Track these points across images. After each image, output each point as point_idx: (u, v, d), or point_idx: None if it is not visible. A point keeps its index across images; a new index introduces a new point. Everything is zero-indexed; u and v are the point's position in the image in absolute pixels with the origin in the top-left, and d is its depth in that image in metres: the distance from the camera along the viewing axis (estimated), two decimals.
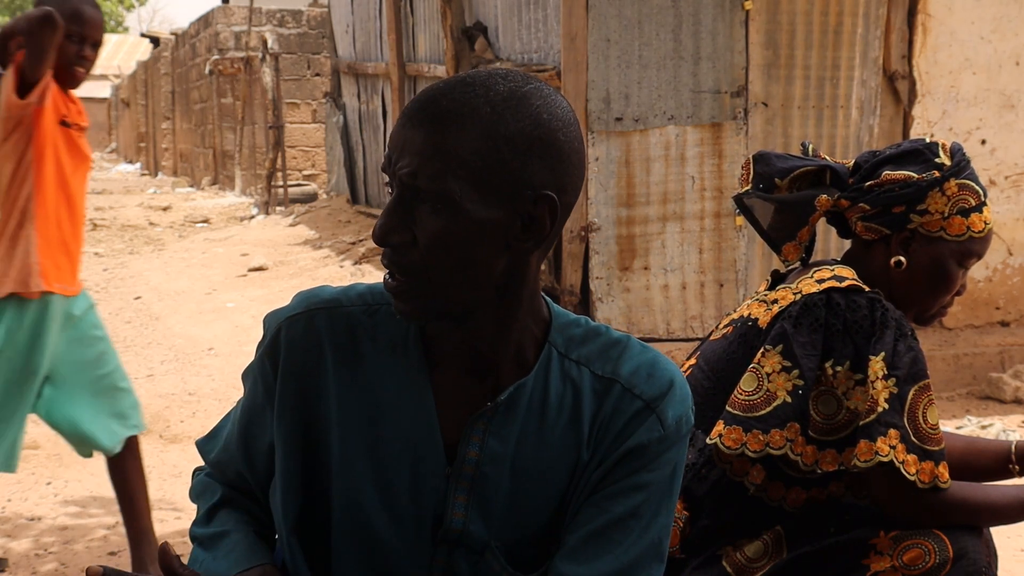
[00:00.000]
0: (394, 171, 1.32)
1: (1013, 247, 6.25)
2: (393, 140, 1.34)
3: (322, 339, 1.44)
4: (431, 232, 1.31)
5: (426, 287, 1.34)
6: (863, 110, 5.98)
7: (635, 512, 1.40)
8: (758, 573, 1.96)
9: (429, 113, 1.32)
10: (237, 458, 1.54)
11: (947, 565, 1.88)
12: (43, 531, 3.85)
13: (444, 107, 1.32)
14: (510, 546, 1.43)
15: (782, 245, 2.11)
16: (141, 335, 7.33)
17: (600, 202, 5.78)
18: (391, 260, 1.34)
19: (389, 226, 1.32)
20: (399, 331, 1.44)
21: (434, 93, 1.34)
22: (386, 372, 1.43)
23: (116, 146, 34.04)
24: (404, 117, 1.34)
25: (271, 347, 1.46)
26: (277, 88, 13.97)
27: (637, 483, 1.40)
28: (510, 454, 1.41)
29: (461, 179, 1.30)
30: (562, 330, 1.44)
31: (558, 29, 6.00)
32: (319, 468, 1.45)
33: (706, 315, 5.90)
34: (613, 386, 1.42)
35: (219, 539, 1.51)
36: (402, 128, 1.33)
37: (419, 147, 1.31)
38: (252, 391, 1.50)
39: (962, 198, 2.02)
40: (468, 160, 1.30)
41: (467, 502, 1.41)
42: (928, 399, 1.91)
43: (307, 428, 1.44)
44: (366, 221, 10.65)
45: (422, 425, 1.42)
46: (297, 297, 1.50)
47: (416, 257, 1.33)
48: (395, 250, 1.33)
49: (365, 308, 1.46)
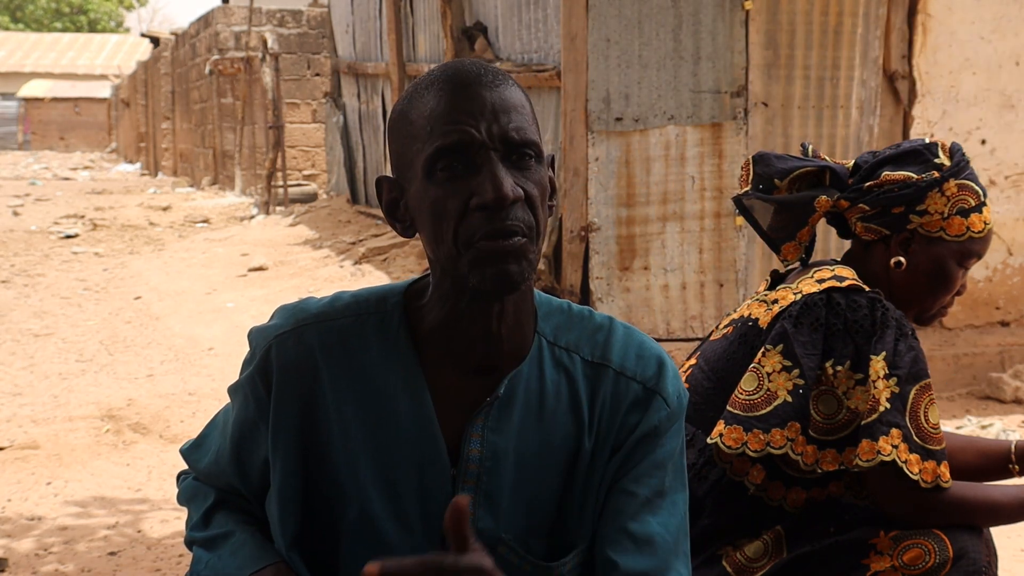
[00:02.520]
0: (490, 134, 1.31)
1: (1013, 247, 6.25)
2: (471, 106, 1.32)
3: (315, 354, 1.43)
4: (539, 184, 1.35)
5: (535, 243, 1.35)
6: (863, 110, 5.98)
7: (661, 491, 1.44)
8: (758, 573, 1.97)
9: (490, 78, 1.35)
10: (229, 472, 1.53)
11: (947, 565, 1.88)
12: (43, 531, 3.85)
13: (493, 73, 1.36)
14: (520, 538, 1.43)
15: (782, 246, 2.12)
16: (141, 335, 7.33)
17: (600, 202, 5.78)
18: (516, 219, 1.32)
19: (511, 184, 1.31)
20: (390, 338, 1.43)
21: (467, 66, 1.36)
22: (382, 380, 1.43)
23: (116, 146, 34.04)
24: (466, 86, 1.33)
25: (262, 365, 1.45)
26: (277, 88, 13.96)
27: (655, 461, 1.44)
28: (512, 447, 1.42)
29: (537, 134, 1.36)
30: (548, 318, 1.46)
31: (558, 29, 6.00)
32: (323, 482, 1.44)
33: (706, 315, 5.90)
34: (605, 371, 1.44)
35: (223, 540, 1.50)
36: (475, 94, 1.33)
37: (510, 105, 1.33)
38: (243, 408, 1.48)
39: (962, 198, 2.02)
40: (534, 117, 1.36)
41: (474, 500, 1.42)
42: (929, 398, 1.91)
43: (307, 444, 1.43)
44: (366, 221, 10.65)
45: (423, 430, 1.42)
46: (282, 312, 1.48)
47: (528, 214, 1.33)
48: (517, 208, 1.32)
49: (354, 319, 1.45)
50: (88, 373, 6.23)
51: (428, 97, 1.35)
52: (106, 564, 3.55)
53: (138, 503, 4.13)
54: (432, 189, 1.33)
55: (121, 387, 5.88)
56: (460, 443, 1.42)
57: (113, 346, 6.97)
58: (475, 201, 1.30)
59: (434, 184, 1.33)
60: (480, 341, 1.40)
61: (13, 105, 38.88)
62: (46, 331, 7.43)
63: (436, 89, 1.35)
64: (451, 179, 1.32)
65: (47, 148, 37.75)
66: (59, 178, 23.79)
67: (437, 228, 1.33)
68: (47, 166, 28.17)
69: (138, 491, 4.25)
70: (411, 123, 1.36)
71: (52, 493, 4.23)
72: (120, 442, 4.88)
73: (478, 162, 1.31)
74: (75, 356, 6.68)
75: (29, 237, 12.60)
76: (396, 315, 1.44)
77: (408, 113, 1.38)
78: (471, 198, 1.31)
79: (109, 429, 5.04)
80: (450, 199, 1.32)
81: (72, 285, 9.38)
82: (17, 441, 4.83)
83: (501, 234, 1.30)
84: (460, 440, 1.42)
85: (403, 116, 1.39)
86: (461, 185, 1.31)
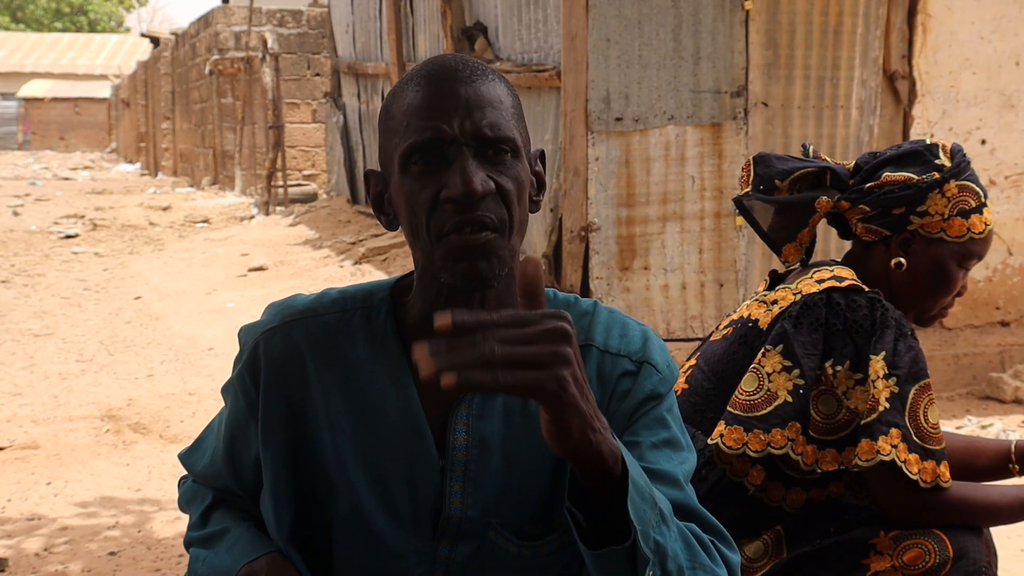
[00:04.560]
0: (462, 129, 1.32)
1: (1013, 247, 6.25)
2: (445, 103, 1.33)
3: (301, 350, 1.44)
4: (515, 179, 1.35)
5: (508, 239, 1.35)
6: (863, 110, 5.98)
7: (668, 440, 1.43)
8: (758, 573, 1.97)
9: (468, 73, 1.35)
10: (224, 473, 1.55)
11: (947, 565, 1.88)
12: (43, 531, 3.85)
13: (472, 67, 1.36)
14: (511, 524, 1.43)
15: (782, 247, 2.12)
16: (141, 335, 7.33)
17: (600, 202, 5.78)
18: (486, 213, 1.33)
19: (482, 177, 1.32)
20: (377, 332, 1.45)
21: (447, 60, 1.37)
22: (369, 375, 1.44)
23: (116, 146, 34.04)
24: (442, 81, 1.34)
25: (250, 362, 1.46)
26: (277, 88, 13.97)
27: (656, 417, 1.43)
28: (498, 433, 1.42)
29: (516, 129, 1.36)
30: None
31: (558, 29, 6.00)
32: (313, 478, 1.45)
33: (706, 315, 5.90)
34: (588, 351, 1.44)
35: (219, 536, 1.52)
36: (449, 90, 1.34)
37: (485, 100, 1.34)
38: (234, 406, 1.50)
39: (962, 199, 2.02)
40: (515, 112, 1.37)
41: (463, 489, 1.42)
42: (929, 398, 1.91)
43: (296, 440, 1.45)
44: (366, 221, 10.66)
45: (410, 422, 1.42)
46: (271, 309, 1.49)
47: (501, 208, 1.34)
48: (488, 202, 1.33)
49: (340, 314, 1.46)
50: (88, 373, 6.23)
51: (408, 92, 1.37)
52: (106, 564, 3.56)
53: (138, 503, 4.13)
54: (407, 182, 1.35)
55: (121, 387, 5.88)
56: (445, 433, 1.42)
57: (113, 346, 6.97)
58: (444, 194, 1.32)
59: (408, 178, 1.35)
60: None
61: (13, 105, 38.90)
62: (46, 331, 7.43)
63: (414, 84, 1.37)
64: (424, 173, 1.34)
65: (47, 148, 37.77)
66: (59, 178, 23.80)
67: (412, 221, 1.36)
68: (47, 166, 28.18)
69: (138, 491, 4.25)
70: (392, 118, 1.39)
71: (52, 493, 4.24)
72: (120, 442, 4.89)
73: (450, 157, 1.33)
74: (75, 356, 6.68)
75: (29, 237, 12.61)
76: (383, 310, 1.46)
77: (390, 108, 1.40)
78: (441, 191, 1.33)
79: (109, 429, 5.05)
80: (422, 192, 1.34)
81: (72, 285, 9.38)
82: (17, 441, 4.84)
83: (470, 225, 1.32)
84: (445, 430, 1.42)
85: (386, 111, 1.41)
86: (433, 179, 1.34)
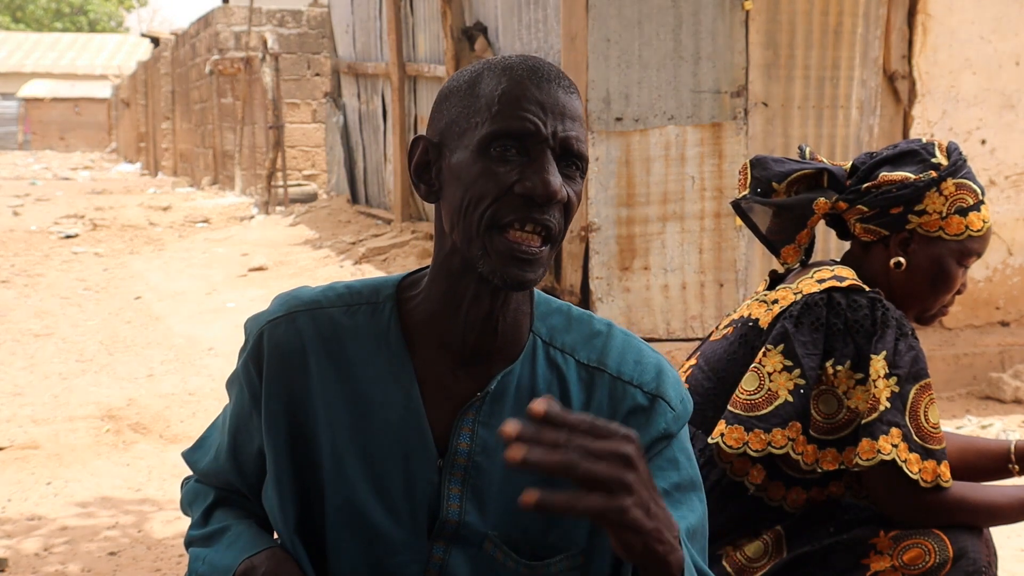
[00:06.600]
0: (554, 133, 1.32)
1: (1013, 247, 6.25)
2: (545, 102, 1.33)
3: (305, 341, 1.44)
4: (577, 196, 1.36)
5: (553, 250, 1.36)
6: (863, 110, 5.98)
7: (679, 485, 1.43)
8: (758, 573, 1.97)
9: (567, 83, 1.36)
10: (227, 468, 1.55)
11: (947, 565, 1.88)
12: (43, 531, 3.85)
13: (567, 78, 1.37)
14: (507, 536, 1.43)
15: (781, 248, 2.12)
16: (141, 335, 7.33)
17: (600, 202, 5.78)
18: (551, 218, 1.33)
19: (561, 183, 1.32)
20: (381, 328, 1.45)
21: (543, 63, 1.37)
22: (371, 369, 1.44)
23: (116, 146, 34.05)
24: (545, 81, 1.34)
25: (254, 352, 1.47)
26: (277, 88, 13.97)
27: (669, 458, 1.43)
28: (503, 444, 1.42)
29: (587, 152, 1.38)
30: (544, 319, 1.46)
31: (558, 29, 6.00)
32: (311, 468, 1.45)
33: (706, 315, 5.90)
34: (600, 375, 1.43)
35: (220, 534, 1.52)
36: (550, 92, 1.34)
37: (575, 113, 1.35)
38: (239, 397, 1.51)
39: (960, 197, 2.02)
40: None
41: (462, 494, 1.42)
42: (929, 398, 1.91)
43: (295, 430, 1.45)
44: (366, 221, 10.66)
45: (410, 419, 1.42)
46: (277, 300, 1.50)
47: (562, 219, 1.34)
48: (555, 209, 1.33)
49: (346, 308, 1.46)
50: (88, 373, 6.23)
51: (503, 78, 1.34)
52: (106, 564, 3.56)
53: (138, 503, 4.13)
54: (480, 163, 1.32)
55: (121, 387, 5.88)
56: (449, 435, 1.42)
57: (113, 346, 6.97)
58: (522, 187, 1.30)
59: (484, 159, 1.32)
60: (476, 327, 1.39)
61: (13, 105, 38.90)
62: (46, 331, 7.43)
63: (514, 73, 1.34)
64: (503, 160, 1.32)
65: (47, 148, 37.76)
66: (59, 178, 23.80)
67: (469, 201, 1.33)
68: (47, 166, 28.18)
69: (138, 491, 4.25)
70: (477, 96, 1.35)
71: (52, 493, 4.24)
72: (120, 442, 4.89)
73: (534, 154, 1.32)
74: (75, 356, 6.68)
75: (29, 237, 12.61)
76: (388, 306, 1.46)
77: (476, 86, 1.36)
78: (515, 183, 1.31)
79: (109, 429, 5.05)
80: (495, 178, 1.31)
81: (72, 285, 9.38)
82: (17, 441, 4.84)
83: (534, 223, 1.31)
84: (449, 432, 1.42)
85: (470, 87, 1.37)
86: (510, 169, 1.32)
